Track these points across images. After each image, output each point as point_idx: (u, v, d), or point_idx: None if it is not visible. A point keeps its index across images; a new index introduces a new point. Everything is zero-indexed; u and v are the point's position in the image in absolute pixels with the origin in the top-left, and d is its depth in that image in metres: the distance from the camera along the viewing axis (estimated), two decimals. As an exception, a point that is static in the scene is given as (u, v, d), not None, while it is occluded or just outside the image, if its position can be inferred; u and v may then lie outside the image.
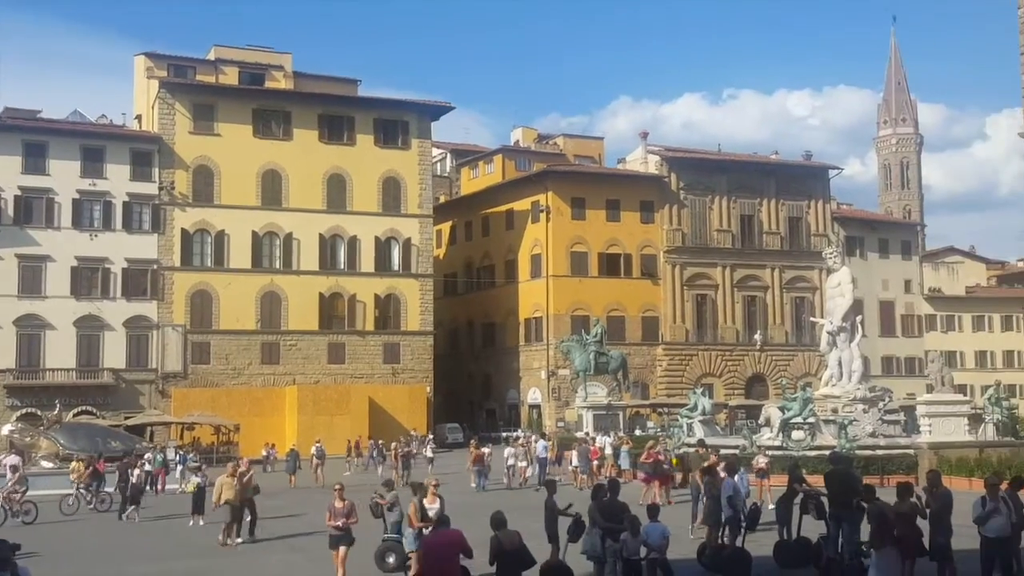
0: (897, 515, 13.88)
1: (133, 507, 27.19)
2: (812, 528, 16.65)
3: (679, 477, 28.64)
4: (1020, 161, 37.81)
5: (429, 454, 40.78)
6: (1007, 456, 28.90)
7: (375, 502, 17.46)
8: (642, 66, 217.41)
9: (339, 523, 15.80)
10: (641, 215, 65.25)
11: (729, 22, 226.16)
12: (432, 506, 14.21)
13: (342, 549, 15.87)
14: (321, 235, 58.92)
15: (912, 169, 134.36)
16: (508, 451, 34.08)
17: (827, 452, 24.74)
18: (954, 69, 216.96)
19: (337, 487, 16.62)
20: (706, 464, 20.41)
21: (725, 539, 16.94)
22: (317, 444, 38.20)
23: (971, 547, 13.94)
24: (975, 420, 33.75)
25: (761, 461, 25.95)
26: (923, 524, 13.79)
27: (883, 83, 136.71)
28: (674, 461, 29.25)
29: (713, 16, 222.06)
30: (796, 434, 31.91)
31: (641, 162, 68.35)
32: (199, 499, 25.23)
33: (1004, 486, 14.59)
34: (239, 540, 21.27)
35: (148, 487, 32.49)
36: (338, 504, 16.00)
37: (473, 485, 31.72)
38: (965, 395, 42.06)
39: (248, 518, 21.81)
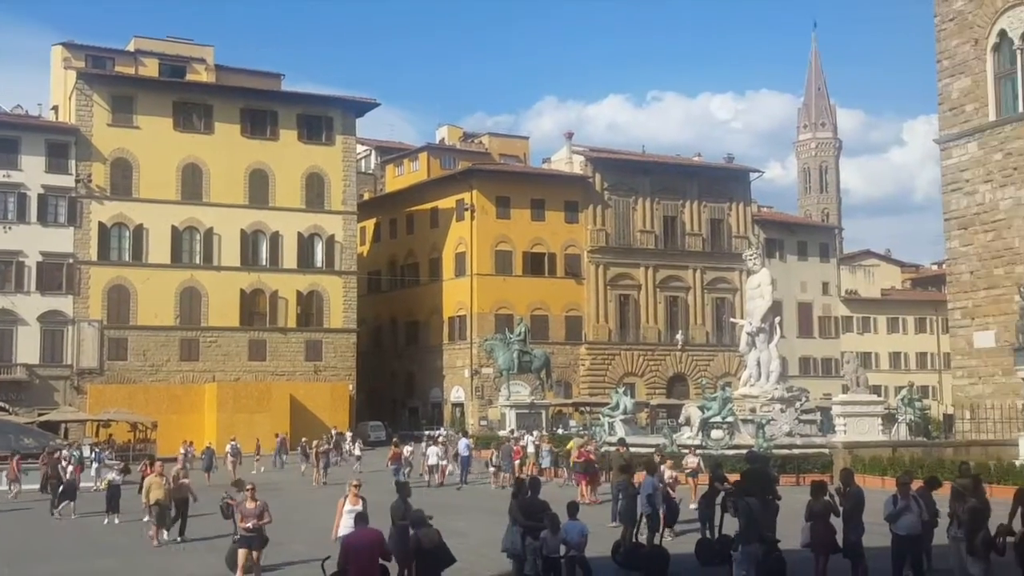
0: (811, 513, 14.21)
1: (67, 502, 26.73)
2: (733, 526, 16.87)
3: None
4: (935, 167, 39.25)
5: (357, 452, 40.57)
6: (919, 455, 29.63)
7: (225, 503, 17.30)
8: (568, 67, 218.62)
9: (250, 524, 15.53)
10: (565, 215, 65.61)
11: (654, 25, 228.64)
12: (355, 508, 14.04)
13: (254, 552, 15.61)
14: (243, 230, 58.09)
15: (831, 173, 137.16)
16: (431, 450, 34.02)
17: (745, 451, 25.17)
18: (873, 75, 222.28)
19: (249, 487, 16.35)
20: (655, 461, 20.61)
21: (641, 537, 17.07)
22: (232, 442, 37.76)
23: (883, 544, 14.22)
24: (888, 420, 34.59)
25: (691, 461, 26.27)
26: (837, 522, 14.09)
27: (803, 88, 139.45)
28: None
29: (638, 18, 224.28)
30: (715, 433, 32.37)
31: (566, 162, 68.72)
32: (113, 497, 24.88)
33: (916, 485, 14.97)
34: (168, 539, 20.95)
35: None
36: (250, 505, 15.72)
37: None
38: (879, 396, 43.07)
39: (178, 518, 21.45)
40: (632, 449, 26.74)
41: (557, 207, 65.37)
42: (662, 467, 20.72)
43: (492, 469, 32.76)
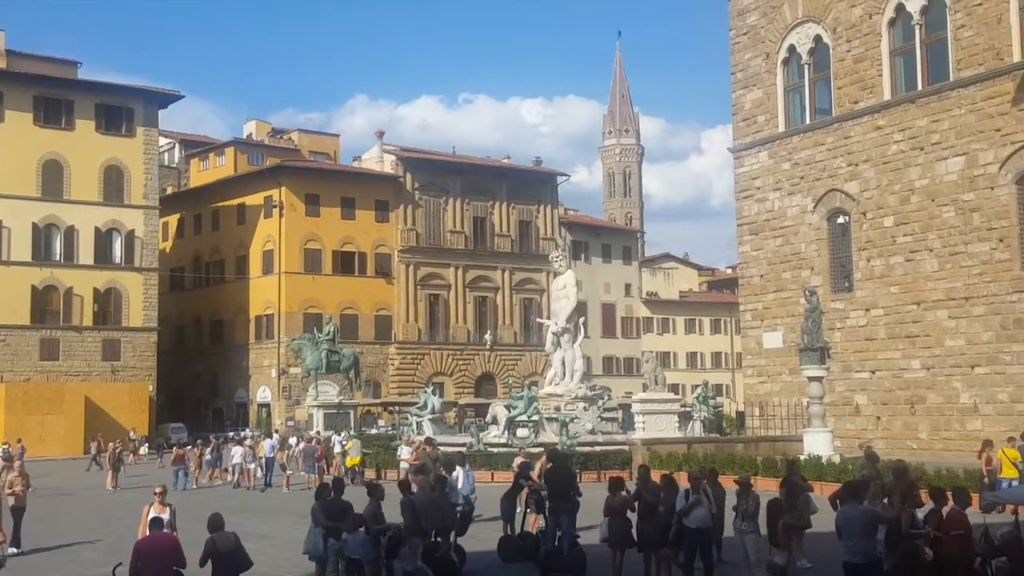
0: (609, 508, 14.68)
1: None
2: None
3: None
4: (730, 174, 41.28)
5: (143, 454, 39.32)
6: (712, 451, 31.00)
7: None
8: (380, 66, 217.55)
9: None
10: (376, 214, 65.29)
11: (466, 28, 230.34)
12: (160, 515, 13.43)
13: None
14: (34, 224, 54.91)
15: (634, 178, 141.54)
16: (236, 450, 33.22)
17: (549, 449, 25.67)
18: (674, 85, 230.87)
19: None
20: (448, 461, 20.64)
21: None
22: (4, 446, 35.76)
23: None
24: (684, 418, 35.96)
25: (519, 462, 26.41)
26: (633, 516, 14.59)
27: (609, 95, 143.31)
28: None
29: (451, 21, 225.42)
30: (521, 431, 32.87)
31: (377, 161, 68.37)
32: None
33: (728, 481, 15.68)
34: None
35: None
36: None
37: (172, 485, 31.00)
38: (677, 394, 44.78)
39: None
40: (440, 448, 26.91)
41: (368, 206, 64.96)
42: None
43: (290, 472, 32.29)
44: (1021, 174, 31.92)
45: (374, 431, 48.47)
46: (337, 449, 33.87)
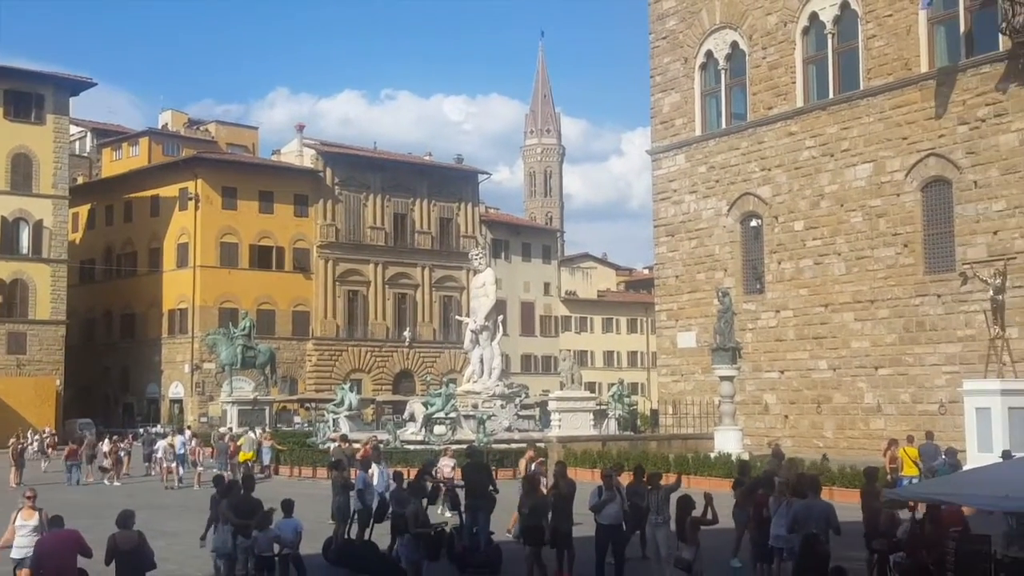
0: (523, 505, 14.85)
1: None
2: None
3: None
4: (649, 176, 41.90)
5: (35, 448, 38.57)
6: (626, 448, 31.45)
7: None
8: (302, 59, 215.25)
9: None
10: (295, 208, 64.62)
11: (390, 24, 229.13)
12: (28, 522, 12.87)
13: None
14: (-63, 212, 53.30)
15: (555, 178, 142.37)
16: (160, 444, 32.79)
17: (466, 446, 25.79)
18: (596, 87, 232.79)
19: None
20: (359, 456, 20.63)
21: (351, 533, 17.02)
22: None
23: (589, 534, 14.93)
24: (600, 416, 36.40)
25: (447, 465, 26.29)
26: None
27: (531, 95, 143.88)
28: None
29: (374, 16, 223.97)
30: (438, 428, 32.99)
31: (296, 155, 67.64)
32: None
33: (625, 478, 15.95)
34: None
35: None
36: None
37: (65, 481, 30.73)
38: (593, 392, 45.30)
39: None
40: (355, 445, 26.88)
41: (286, 200, 64.26)
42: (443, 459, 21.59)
43: (201, 469, 31.91)
44: (926, 181, 32.96)
45: (290, 428, 48.06)
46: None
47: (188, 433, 36.52)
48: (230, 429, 39.25)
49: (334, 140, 76.35)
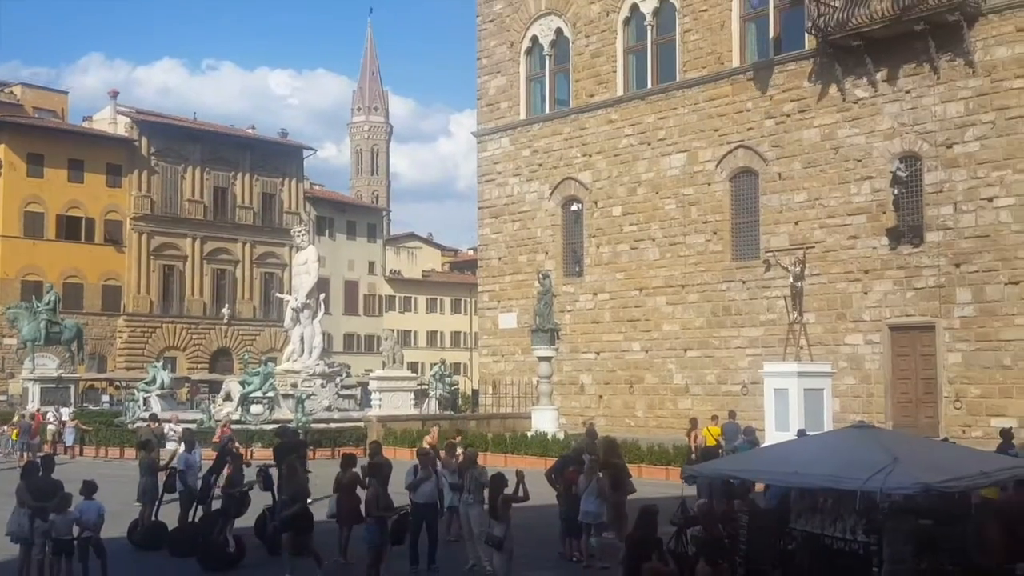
0: (338, 485, 14.85)
1: None
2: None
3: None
4: (475, 158, 42.31)
5: None
6: (446, 428, 31.70)
7: None
8: (118, 23, 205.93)
9: None
10: (108, 178, 61.98)
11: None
12: None
13: None
14: None
15: (382, 157, 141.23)
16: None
17: (280, 426, 25.51)
18: (425, 67, 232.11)
19: None
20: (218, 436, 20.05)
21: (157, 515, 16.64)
22: None
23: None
24: (421, 395, 36.60)
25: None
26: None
27: (359, 71, 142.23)
28: None
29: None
30: (255, 408, 32.43)
31: (110, 122, 64.81)
32: None
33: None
34: None
35: None
36: None
37: None
38: (416, 372, 45.43)
39: None
40: (167, 425, 26.19)
41: (98, 169, 61.55)
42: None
43: None
44: (734, 172, 34.49)
45: (97, 407, 46.24)
46: (52, 427, 32.18)
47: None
48: (38, 409, 37.32)
49: (152, 109, 73.54)
